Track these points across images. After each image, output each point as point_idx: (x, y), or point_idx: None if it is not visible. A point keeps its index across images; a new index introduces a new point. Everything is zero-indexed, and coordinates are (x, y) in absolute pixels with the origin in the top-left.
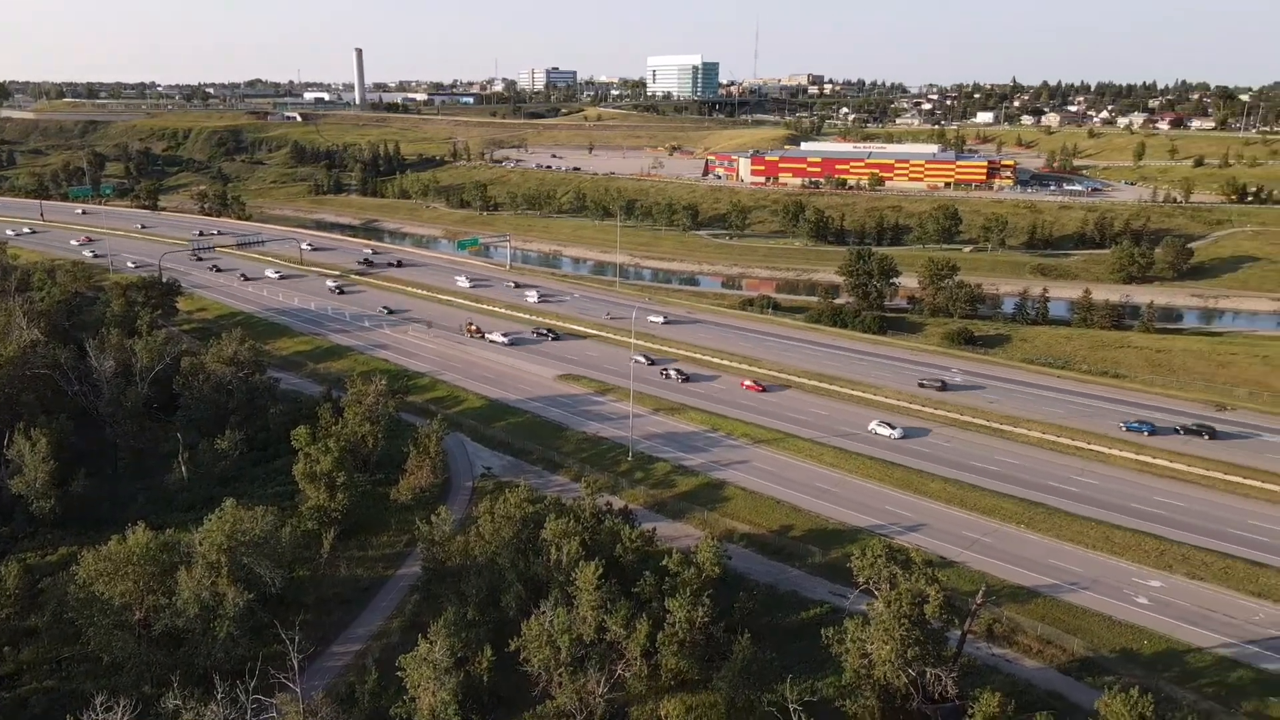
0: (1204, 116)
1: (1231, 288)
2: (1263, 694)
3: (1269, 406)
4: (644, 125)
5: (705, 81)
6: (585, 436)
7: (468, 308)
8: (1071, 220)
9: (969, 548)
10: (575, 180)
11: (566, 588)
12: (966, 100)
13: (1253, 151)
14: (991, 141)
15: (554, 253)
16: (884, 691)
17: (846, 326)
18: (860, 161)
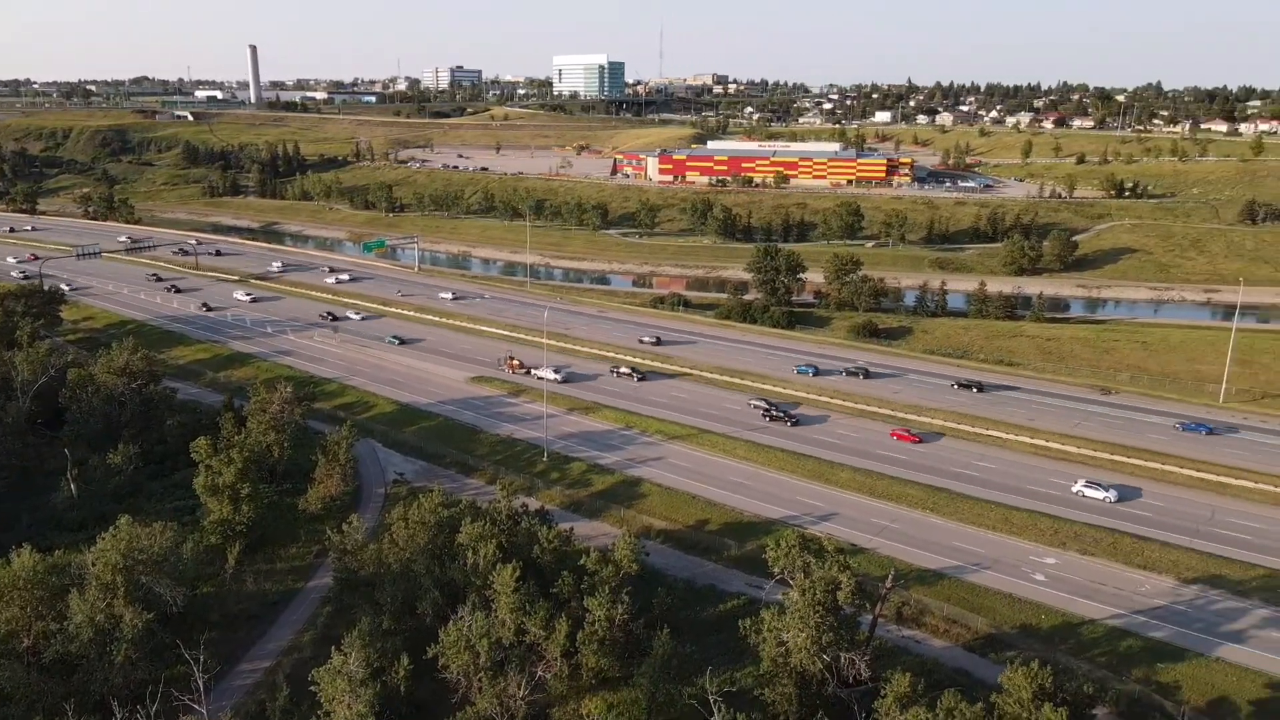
0: (1084, 116)
1: (1112, 278)
2: (1150, 661)
3: (1148, 389)
4: (551, 125)
5: (611, 81)
6: (500, 438)
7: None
8: (966, 215)
9: (878, 534)
10: (483, 180)
11: (484, 591)
12: (865, 100)
13: (1129, 149)
14: (890, 140)
15: (463, 254)
16: (801, 678)
17: (756, 322)
18: (765, 160)
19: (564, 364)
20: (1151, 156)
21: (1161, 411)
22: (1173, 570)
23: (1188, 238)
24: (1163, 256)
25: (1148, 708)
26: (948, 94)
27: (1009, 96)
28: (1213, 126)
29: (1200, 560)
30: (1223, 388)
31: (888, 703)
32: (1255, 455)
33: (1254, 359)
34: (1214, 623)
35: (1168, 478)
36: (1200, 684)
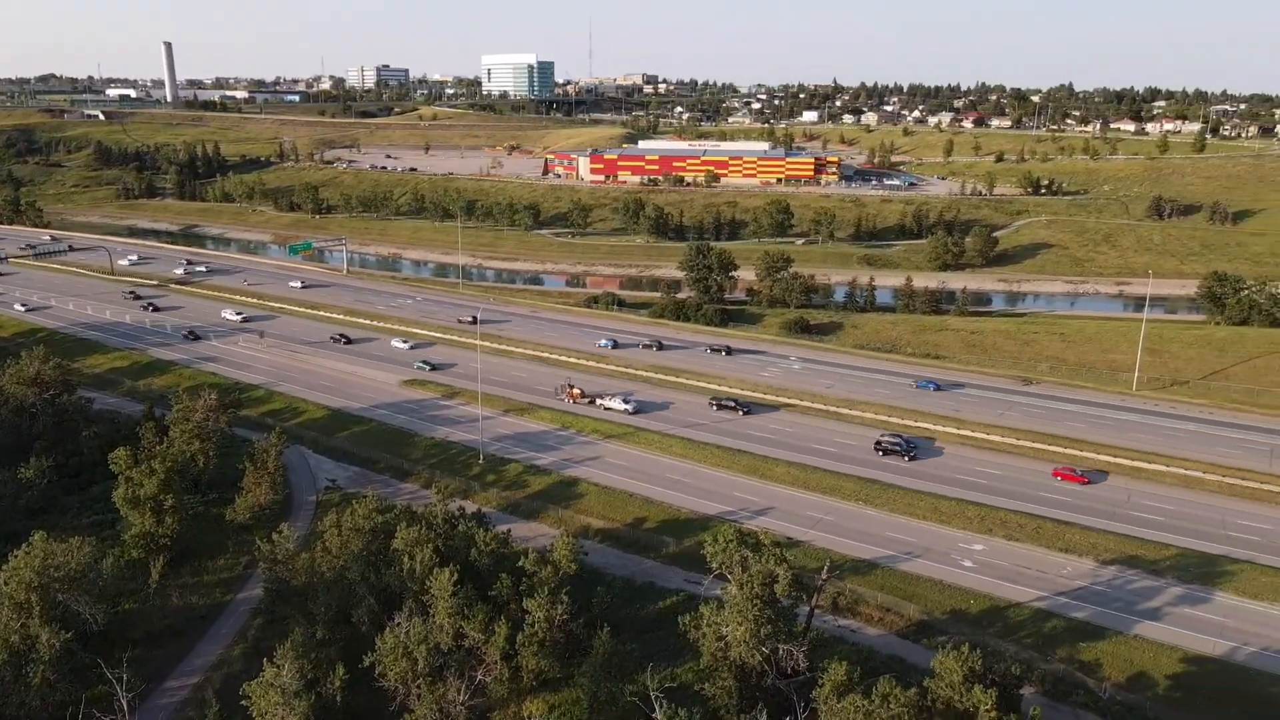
0: (1002, 116)
1: (1031, 272)
2: (1073, 640)
3: (1067, 379)
4: (481, 125)
5: (541, 80)
6: (434, 442)
7: (301, 314)
8: (892, 213)
9: (813, 527)
10: (413, 181)
11: (421, 597)
12: (793, 100)
13: (1044, 148)
14: (817, 139)
15: (393, 255)
16: (740, 671)
17: (689, 320)
18: (696, 159)
19: (628, 390)
20: (1065, 155)
21: (1080, 400)
22: (1092, 552)
23: (1100, 233)
24: (1078, 251)
25: (1071, 685)
26: (872, 94)
27: (930, 97)
28: (1121, 126)
29: (1117, 542)
30: (1135, 376)
31: (825, 692)
32: (1166, 440)
33: (1163, 348)
34: (1131, 601)
35: (1085, 464)
36: (1120, 661)
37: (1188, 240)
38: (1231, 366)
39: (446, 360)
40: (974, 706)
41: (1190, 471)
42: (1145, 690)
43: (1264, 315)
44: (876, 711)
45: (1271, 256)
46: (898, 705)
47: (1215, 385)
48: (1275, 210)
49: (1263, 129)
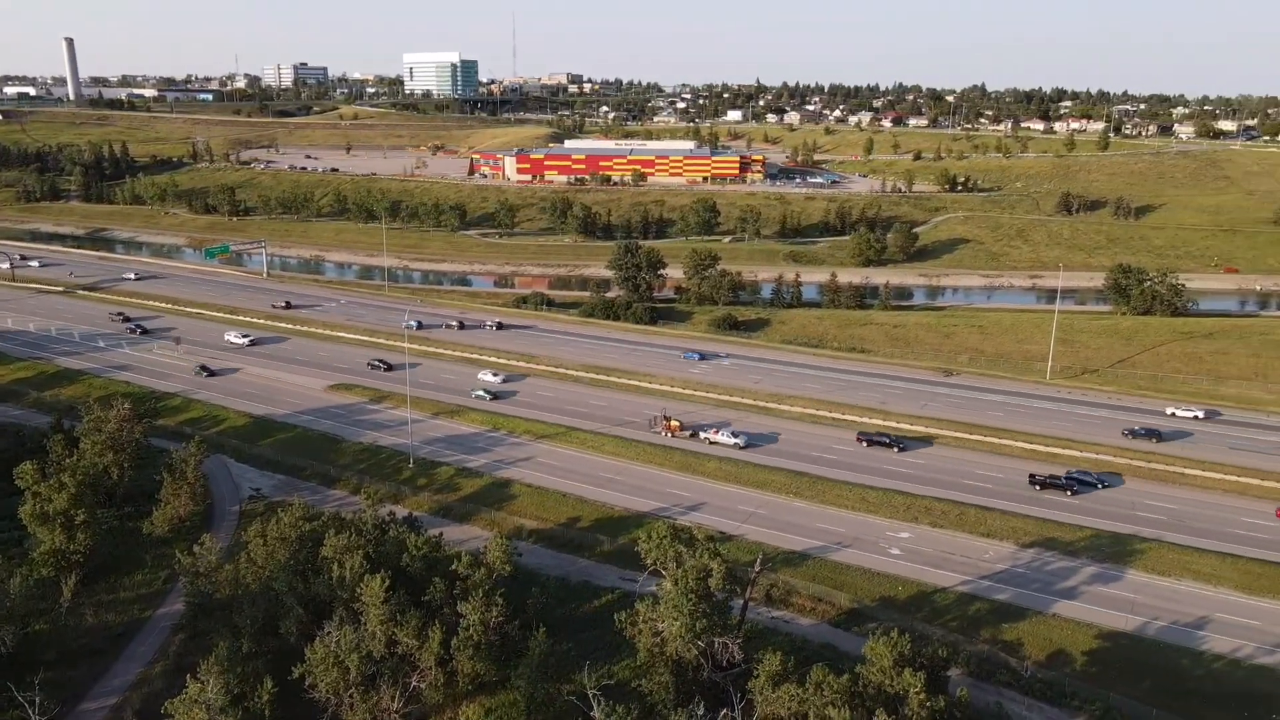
0: (919, 115)
1: (950, 267)
2: (996, 621)
3: (986, 369)
4: (404, 124)
5: (465, 79)
6: (363, 447)
7: (222, 320)
8: (816, 210)
9: (746, 520)
10: (334, 181)
11: (352, 605)
12: (717, 100)
13: (959, 146)
14: (742, 138)
15: (316, 258)
16: (677, 666)
17: (619, 318)
18: (623, 158)
19: (725, 419)
20: (980, 153)
21: (999, 390)
22: (1012, 536)
23: (1014, 228)
24: (993, 246)
25: (995, 665)
26: (794, 94)
27: (850, 97)
28: (1031, 125)
29: (1036, 525)
30: (1049, 365)
31: (760, 682)
32: (1079, 426)
33: (1074, 338)
34: (1049, 582)
35: (1004, 450)
36: (1040, 639)
37: (1095, 234)
38: (1137, 354)
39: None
40: (904, 690)
41: (1101, 456)
42: (1064, 667)
43: (1165, 305)
44: (810, 699)
45: (1171, 249)
46: (831, 692)
47: (1122, 372)
48: (1174, 205)
49: (1161, 128)
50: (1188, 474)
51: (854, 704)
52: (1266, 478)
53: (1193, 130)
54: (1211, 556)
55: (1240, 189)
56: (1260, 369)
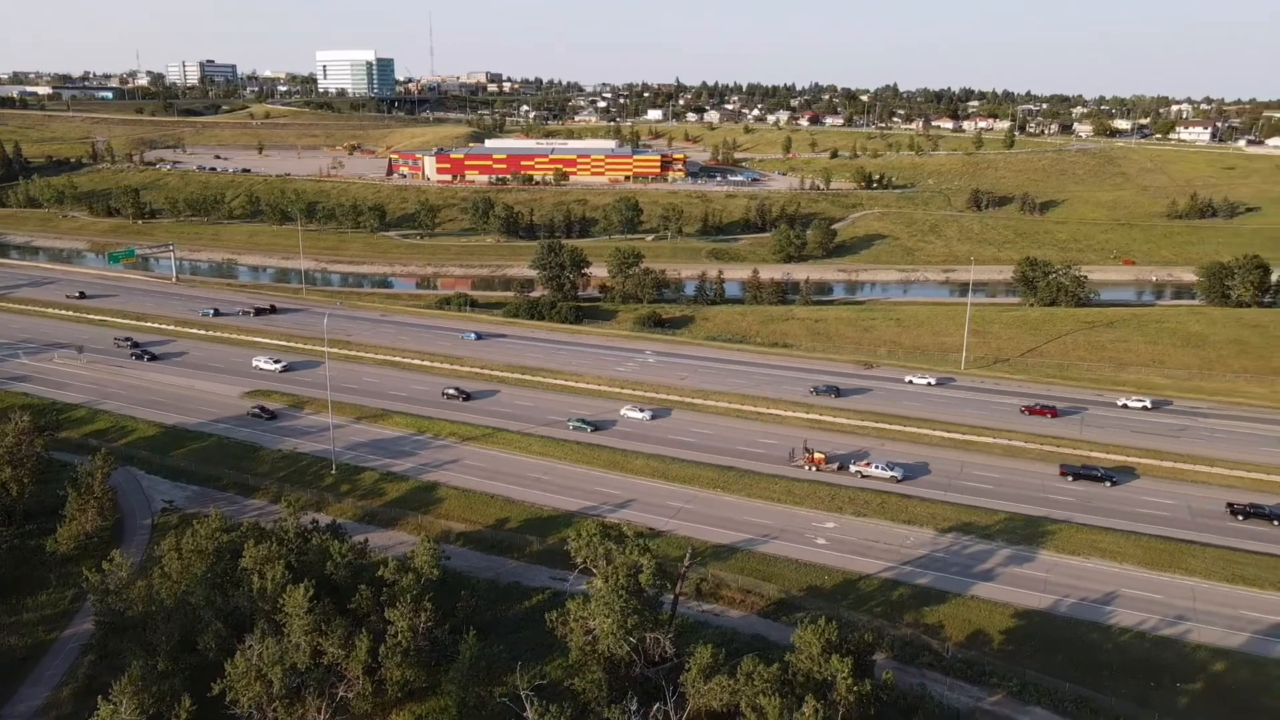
0: (835, 114)
1: (868, 262)
2: (918, 605)
3: (903, 361)
4: (319, 123)
5: (381, 78)
6: (283, 454)
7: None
8: (737, 208)
9: (674, 516)
10: (246, 182)
11: (274, 616)
12: (637, 99)
13: (874, 145)
14: (663, 137)
15: (228, 261)
16: (609, 663)
17: (544, 318)
18: (544, 158)
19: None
20: (894, 151)
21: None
22: (932, 522)
23: (927, 223)
24: (908, 241)
25: (918, 648)
26: (713, 93)
27: (768, 96)
28: (941, 124)
29: (954, 511)
30: (963, 356)
31: (692, 675)
32: (992, 414)
33: (986, 329)
34: (968, 565)
35: (923, 439)
36: (960, 621)
37: (1003, 229)
38: (1044, 344)
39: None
40: (831, 675)
41: (1013, 442)
42: (983, 646)
43: (1069, 296)
44: (742, 690)
45: (1073, 242)
46: (761, 681)
47: (1031, 362)
48: (1075, 200)
49: (1062, 126)
50: (1093, 457)
51: (784, 692)
52: (1164, 458)
53: (1091, 129)
54: (1117, 535)
55: (1135, 184)
56: (1157, 356)
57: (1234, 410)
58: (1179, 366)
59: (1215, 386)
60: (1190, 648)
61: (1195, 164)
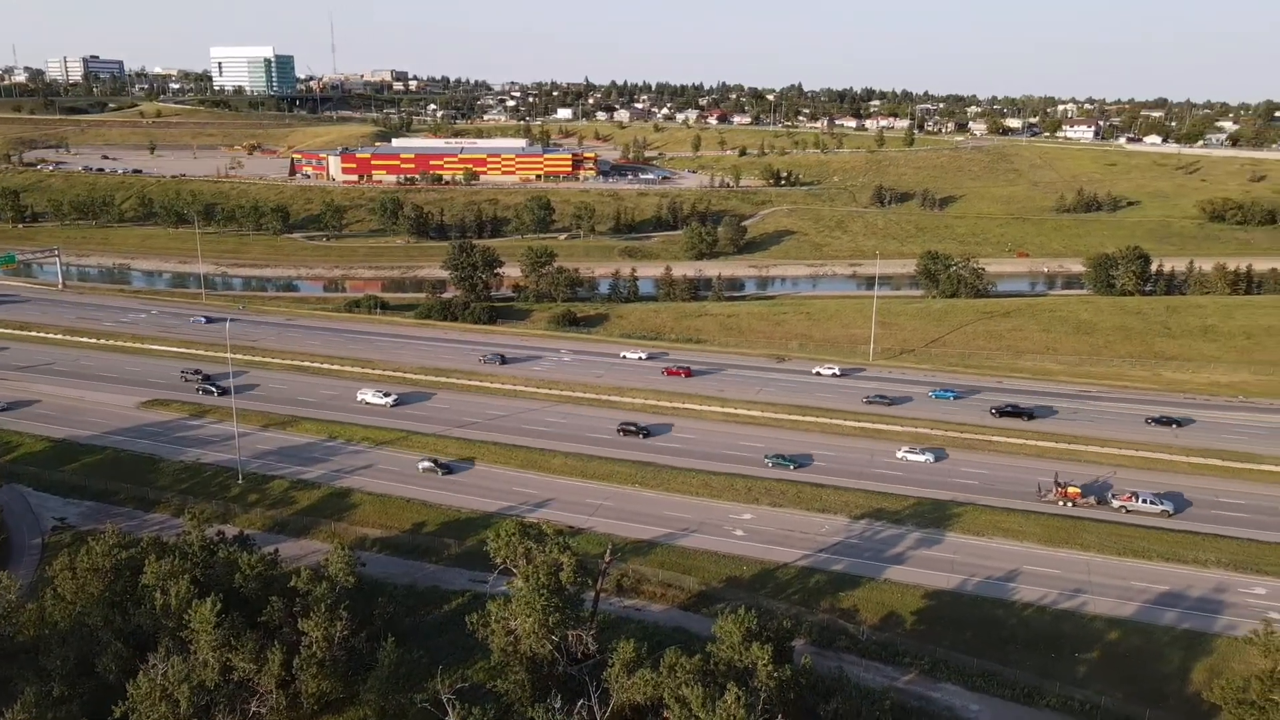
0: (742, 113)
1: (777, 258)
2: (834, 591)
3: (814, 354)
4: (215, 122)
5: (281, 75)
6: (185, 465)
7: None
8: (649, 206)
9: (594, 513)
10: (138, 184)
11: (179, 633)
12: (547, 98)
13: (781, 143)
14: (573, 136)
15: (121, 266)
16: (531, 662)
17: (457, 319)
18: (454, 157)
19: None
20: (800, 149)
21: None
22: (845, 510)
23: (834, 219)
24: (816, 237)
25: (835, 632)
26: (623, 92)
27: (677, 95)
28: (845, 123)
29: (866, 498)
30: (871, 348)
31: (615, 670)
32: (900, 404)
33: (892, 321)
34: (880, 550)
35: (835, 430)
36: (874, 604)
37: (905, 224)
38: (947, 334)
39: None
40: (752, 663)
41: (919, 429)
42: (896, 627)
43: (969, 288)
44: (665, 682)
45: (972, 236)
46: (684, 673)
47: (935, 352)
48: (972, 196)
49: (958, 125)
50: (995, 441)
51: (706, 682)
52: (1059, 440)
53: (985, 127)
54: (1018, 515)
55: (1027, 180)
56: (1050, 344)
57: (1119, 393)
58: (1070, 353)
59: (1103, 371)
60: (1087, 619)
61: (1081, 161)
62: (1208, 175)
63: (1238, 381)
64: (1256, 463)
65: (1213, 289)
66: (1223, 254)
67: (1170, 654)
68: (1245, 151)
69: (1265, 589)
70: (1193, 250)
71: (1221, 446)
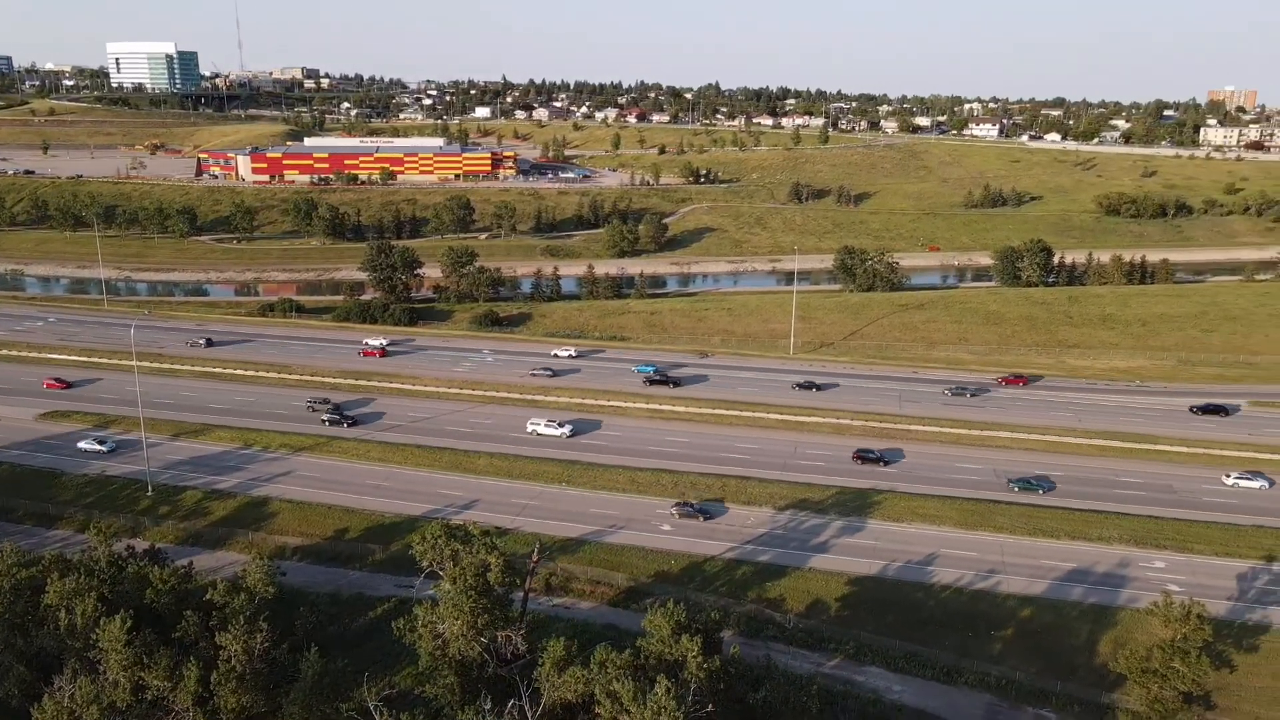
0: (661, 112)
1: (699, 255)
2: (761, 582)
3: (737, 349)
4: (114, 121)
5: (184, 73)
6: (89, 478)
7: None
8: (570, 204)
9: (521, 513)
10: (30, 185)
11: (87, 654)
12: (464, 96)
13: (699, 141)
14: (492, 135)
15: (13, 272)
16: (461, 665)
17: (377, 321)
18: (369, 156)
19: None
20: (718, 147)
21: (749, 367)
22: (770, 502)
23: (753, 216)
24: (736, 233)
25: (762, 622)
26: (541, 90)
27: (596, 94)
28: (762, 121)
29: (789, 489)
30: (791, 342)
31: (546, 670)
32: (822, 395)
33: (811, 315)
34: (805, 539)
35: (759, 423)
36: (799, 593)
37: (823, 220)
38: (864, 327)
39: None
40: (682, 655)
41: (840, 420)
42: (821, 615)
43: (884, 282)
44: (595, 678)
45: (886, 231)
46: (615, 668)
47: (853, 344)
48: (885, 192)
49: (870, 123)
50: (911, 430)
51: (637, 676)
52: (973, 426)
53: (896, 126)
54: (935, 500)
55: (936, 177)
56: (962, 334)
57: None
58: (980, 343)
59: (1012, 360)
60: (1002, 598)
61: (987, 158)
62: (1103, 171)
63: (1135, 367)
64: (1153, 443)
65: (1110, 279)
66: (1119, 246)
67: (1079, 628)
68: (1137, 149)
69: (1164, 562)
70: (1091, 243)
71: (1120, 429)
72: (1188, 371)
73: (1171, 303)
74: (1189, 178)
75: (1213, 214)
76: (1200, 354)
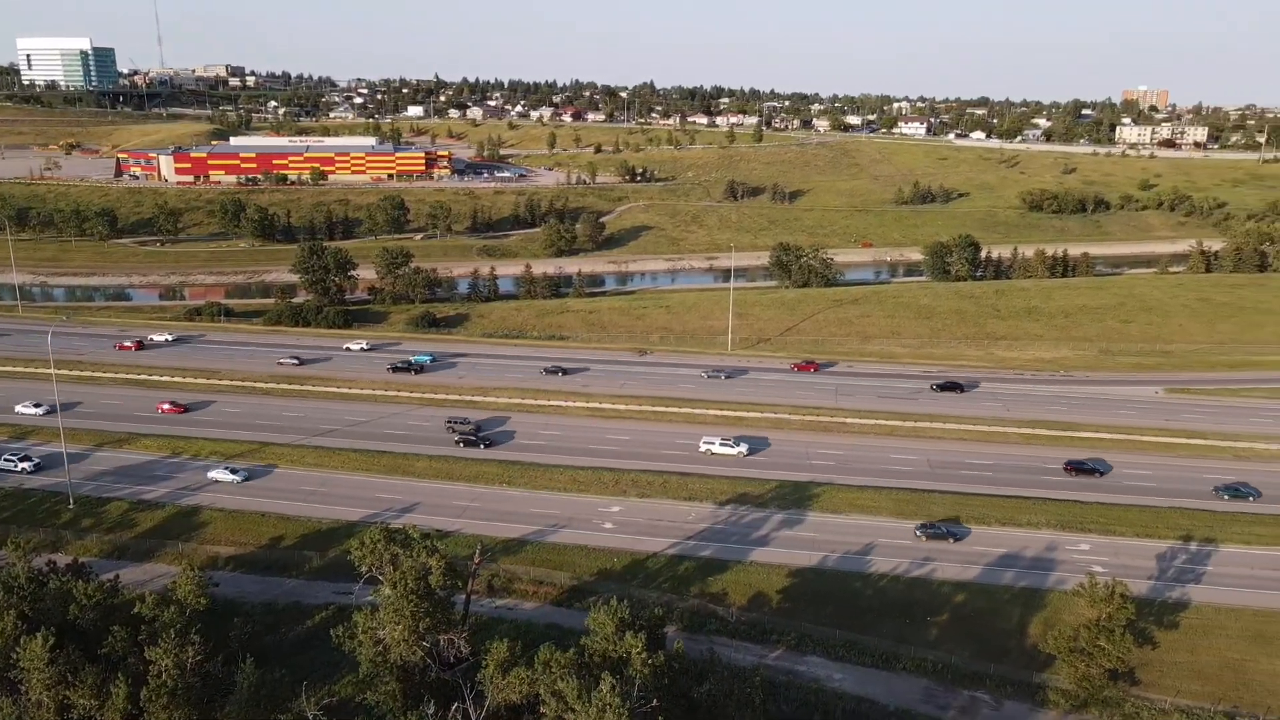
0: (596, 110)
1: (636, 253)
2: (703, 577)
3: (675, 346)
4: (25, 119)
5: (100, 69)
6: (4, 492)
7: None
8: (506, 204)
9: (461, 515)
10: None
11: (8, 674)
12: (396, 95)
13: (635, 139)
14: (426, 134)
15: None
16: (403, 671)
17: (310, 324)
18: (299, 156)
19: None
20: (654, 145)
21: (688, 364)
22: (711, 497)
23: (689, 214)
24: (673, 231)
25: (705, 616)
26: (475, 89)
27: (530, 93)
28: (696, 120)
29: (730, 484)
30: (729, 338)
31: (489, 671)
32: (760, 390)
33: (748, 312)
34: (746, 533)
35: (697, 420)
36: (742, 587)
37: (758, 217)
38: (800, 323)
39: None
40: (626, 652)
41: (779, 414)
42: (763, 607)
43: (819, 278)
44: (540, 678)
45: (820, 228)
46: (559, 667)
47: (790, 340)
48: (819, 190)
49: (803, 122)
50: (847, 423)
51: (582, 674)
52: (906, 419)
53: (828, 124)
54: (871, 491)
55: (868, 174)
56: (895, 328)
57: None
58: (913, 336)
59: (943, 352)
60: (937, 584)
61: (915, 156)
62: (1026, 168)
63: (1059, 357)
64: (1076, 430)
65: (1034, 273)
66: (1042, 240)
67: (1010, 611)
68: (1058, 146)
69: (1089, 544)
70: (1016, 238)
71: (1045, 417)
72: (1110, 361)
73: (1092, 295)
74: (1106, 174)
75: (1129, 209)
76: (1119, 343)
